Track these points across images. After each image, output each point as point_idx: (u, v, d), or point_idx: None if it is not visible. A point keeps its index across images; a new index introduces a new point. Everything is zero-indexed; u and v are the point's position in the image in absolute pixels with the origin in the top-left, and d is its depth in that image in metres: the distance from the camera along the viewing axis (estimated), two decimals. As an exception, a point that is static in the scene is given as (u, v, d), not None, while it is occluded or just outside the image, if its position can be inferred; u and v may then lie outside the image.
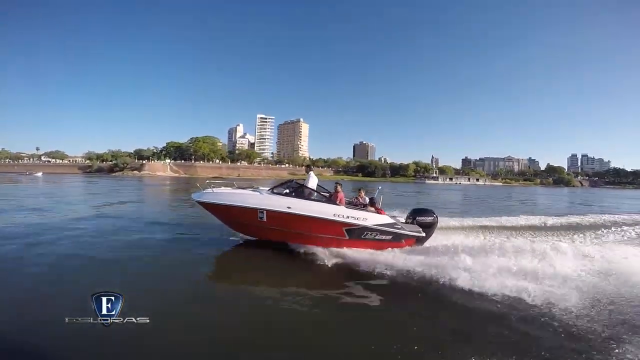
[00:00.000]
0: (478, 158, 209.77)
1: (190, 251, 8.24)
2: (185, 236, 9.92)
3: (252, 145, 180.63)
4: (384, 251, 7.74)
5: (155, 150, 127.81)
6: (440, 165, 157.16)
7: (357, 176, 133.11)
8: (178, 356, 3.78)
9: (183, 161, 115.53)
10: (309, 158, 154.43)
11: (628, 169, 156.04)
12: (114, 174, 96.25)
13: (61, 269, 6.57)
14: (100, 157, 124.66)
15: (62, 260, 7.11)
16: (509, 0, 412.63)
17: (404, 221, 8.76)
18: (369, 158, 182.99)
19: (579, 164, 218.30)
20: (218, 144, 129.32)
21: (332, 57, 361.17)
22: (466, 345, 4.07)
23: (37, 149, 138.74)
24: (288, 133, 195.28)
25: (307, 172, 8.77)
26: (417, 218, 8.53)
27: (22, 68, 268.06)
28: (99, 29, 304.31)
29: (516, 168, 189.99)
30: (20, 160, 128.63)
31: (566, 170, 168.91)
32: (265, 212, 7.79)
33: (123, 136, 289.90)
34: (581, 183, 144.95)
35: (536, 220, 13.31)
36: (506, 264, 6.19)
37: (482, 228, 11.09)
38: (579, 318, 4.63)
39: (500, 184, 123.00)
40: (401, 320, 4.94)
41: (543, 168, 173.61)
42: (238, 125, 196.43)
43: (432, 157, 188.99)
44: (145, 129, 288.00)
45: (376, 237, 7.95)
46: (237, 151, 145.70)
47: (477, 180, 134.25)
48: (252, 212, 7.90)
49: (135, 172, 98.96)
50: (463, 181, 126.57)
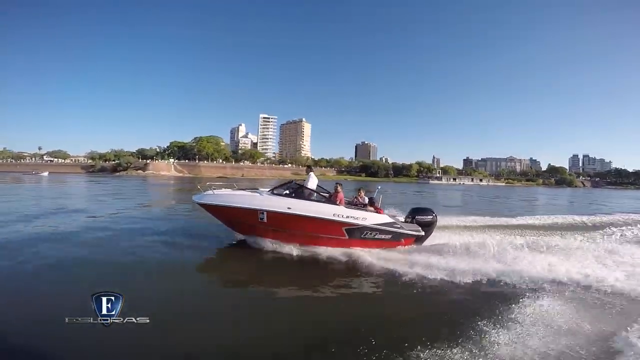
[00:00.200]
0: (480, 158, 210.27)
1: (190, 251, 8.27)
2: (185, 236, 9.91)
3: (255, 145, 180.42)
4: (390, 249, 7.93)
5: (158, 149, 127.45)
6: (441, 165, 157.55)
7: (361, 176, 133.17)
8: (178, 356, 3.78)
9: (187, 161, 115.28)
10: (311, 158, 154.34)
11: (629, 169, 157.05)
12: (118, 174, 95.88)
13: (61, 269, 6.57)
14: (103, 157, 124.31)
15: (63, 260, 7.11)
16: None
17: (404, 220, 8.81)
18: (371, 158, 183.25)
19: (580, 164, 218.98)
20: (221, 144, 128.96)
21: (333, 57, 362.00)
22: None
23: (40, 149, 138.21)
24: (290, 133, 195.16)
25: (307, 173, 8.82)
26: (417, 217, 8.59)
27: (23, 67, 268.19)
28: (100, 28, 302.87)
29: (518, 168, 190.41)
30: (22, 159, 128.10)
31: (567, 170, 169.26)
32: (265, 213, 7.84)
33: (124, 136, 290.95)
34: (583, 183, 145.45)
35: (568, 219, 14.46)
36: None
37: (495, 227, 11.50)
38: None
39: (503, 185, 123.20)
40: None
41: (544, 168, 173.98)
42: (240, 125, 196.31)
43: (434, 157, 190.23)
44: (146, 129, 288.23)
45: (376, 237, 8.03)
46: (241, 151, 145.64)
47: (481, 180, 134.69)
48: (253, 213, 7.94)
49: (139, 172, 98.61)
50: (466, 181, 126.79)
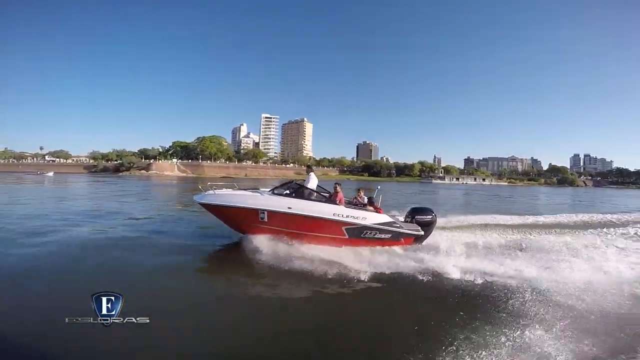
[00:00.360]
0: (481, 158, 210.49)
1: (191, 251, 8.25)
2: (186, 236, 9.89)
3: (257, 144, 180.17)
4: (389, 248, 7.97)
5: (161, 149, 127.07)
6: (442, 164, 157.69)
7: (363, 176, 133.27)
8: (178, 356, 3.78)
9: (190, 161, 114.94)
10: (313, 158, 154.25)
11: (630, 169, 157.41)
12: (121, 174, 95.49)
13: (62, 269, 6.57)
14: (105, 157, 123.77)
15: (63, 260, 7.12)
16: None
17: (403, 220, 8.83)
18: (372, 158, 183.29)
19: (582, 164, 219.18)
20: (224, 144, 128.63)
21: (334, 57, 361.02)
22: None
23: (41, 149, 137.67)
24: (292, 132, 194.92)
25: (308, 173, 8.86)
26: (416, 217, 8.60)
27: (23, 67, 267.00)
28: (99, 27, 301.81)
29: (520, 168, 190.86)
30: (24, 159, 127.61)
31: (569, 170, 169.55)
32: (266, 213, 7.88)
33: (125, 136, 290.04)
34: (585, 183, 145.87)
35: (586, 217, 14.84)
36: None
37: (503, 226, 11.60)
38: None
39: (506, 184, 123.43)
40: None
41: (545, 168, 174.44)
42: (242, 124, 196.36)
43: (434, 157, 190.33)
44: (147, 129, 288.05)
45: (375, 236, 8.07)
46: (243, 151, 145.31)
47: (483, 180, 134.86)
48: (254, 213, 7.96)
49: (142, 172, 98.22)
50: (469, 181, 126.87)
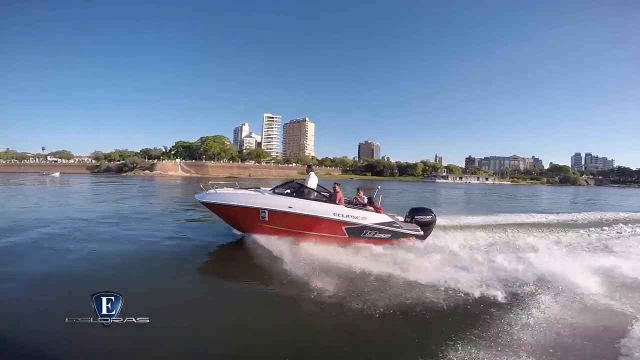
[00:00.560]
0: (483, 157, 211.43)
1: (191, 251, 8.26)
2: (187, 236, 9.88)
3: (259, 144, 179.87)
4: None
5: (164, 149, 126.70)
6: (444, 164, 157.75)
7: (366, 175, 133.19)
8: (178, 356, 3.77)
9: (194, 161, 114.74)
10: (315, 157, 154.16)
11: (632, 168, 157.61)
12: (124, 174, 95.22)
13: (62, 269, 6.55)
14: (107, 157, 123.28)
15: (63, 260, 7.10)
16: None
17: (403, 220, 8.85)
18: (374, 157, 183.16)
19: (583, 163, 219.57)
20: (226, 144, 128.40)
21: (334, 56, 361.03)
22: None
23: (43, 149, 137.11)
24: (294, 132, 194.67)
25: (308, 173, 8.90)
26: (416, 217, 8.65)
27: (24, 67, 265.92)
28: (99, 27, 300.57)
29: (522, 167, 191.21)
30: (25, 160, 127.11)
31: (570, 169, 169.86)
32: (267, 212, 7.94)
33: (126, 136, 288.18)
34: (587, 182, 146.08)
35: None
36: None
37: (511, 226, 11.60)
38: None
39: (508, 183, 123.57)
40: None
41: (546, 167, 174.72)
42: (243, 124, 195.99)
43: (436, 156, 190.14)
44: (147, 129, 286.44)
45: (375, 236, 8.12)
46: (246, 150, 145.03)
47: (487, 179, 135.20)
48: (255, 212, 8.01)
49: (146, 172, 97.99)
50: (472, 180, 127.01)
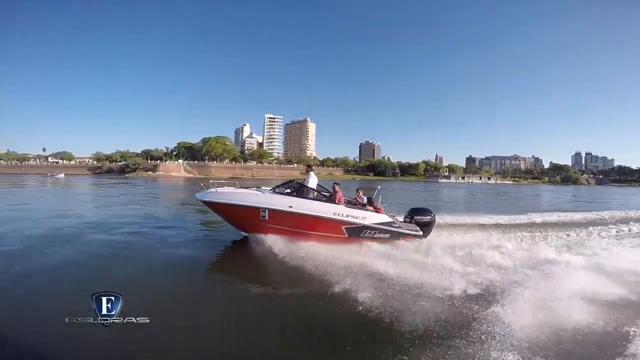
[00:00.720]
0: (484, 157, 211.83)
1: (191, 251, 8.24)
2: (187, 236, 9.90)
3: (261, 145, 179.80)
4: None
5: (166, 150, 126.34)
6: (444, 163, 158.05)
7: (369, 175, 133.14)
8: (178, 356, 3.77)
9: (196, 161, 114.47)
10: (317, 158, 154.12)
11: (632, 167, 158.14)
12: (127, 175, 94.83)
13: (62, 269, 6.55)
14: (108, 158, 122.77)
15: (63, 260, 7.11)
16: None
17: (402, 220, 8.87)
18: (375, 157, 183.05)
19: (583, 162, 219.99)
20: (228, 144, 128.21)
21: (335, 56, 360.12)
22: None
23: (44, 150, 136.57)
24: (295, 132, 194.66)
25: (308, 172, 8.92)
26: (415, 217, 8.67)
27: (24, 67, 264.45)
28: (99, 27, 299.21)
29: (522, 166, 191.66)
30: (26, 161, 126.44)
31: (571, 168, 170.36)
32: (267, 211, 7.97)
33: (125, 137, 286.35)
34: (588, 181, 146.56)
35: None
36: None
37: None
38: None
39: (510, 183, 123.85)
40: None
41: (547, 166, 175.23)
42: (244, 125, 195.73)
43: (436, 156, 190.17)
44: (147, 130, 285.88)
45: (374, 236, 8.13)
46: (249, 151, 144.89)
47: (489, 179, 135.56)
48: (255, 211, 8.03)
49: (149, 173, 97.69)
50: (475, 180, 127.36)
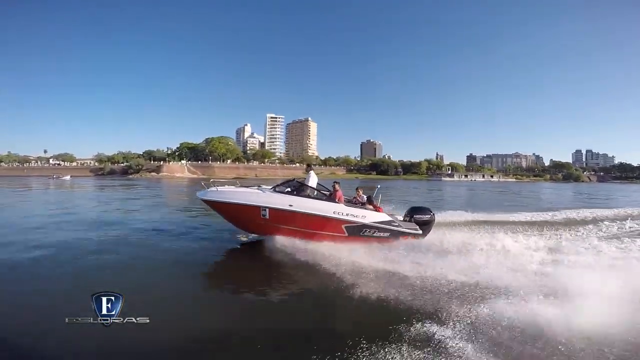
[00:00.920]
0: (485, 155, 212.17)
1: (191, 251, 8.24)
2: (187, 236, 9.91)
3: (262, 144, 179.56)
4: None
5: (169, 151, 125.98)
6: (445, 162, 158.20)
7: (371, 174, 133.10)
8: (178, 356, 3.76)
9: (199, 162, 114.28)
10: (318, 157, 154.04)
11: (633, 164, 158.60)
12: (130, 176, 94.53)
13: (62, 269, 6.55)
14: (110, 159, 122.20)
15: (63, 260, 7.12)
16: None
17: (402, 219, 8.87)
18: (377, 156, 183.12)
19: (584, 160, 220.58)
20: (230, 144, 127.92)
21: (335, 56, 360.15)
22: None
23: (45, 152, 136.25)
24: (296, 132, 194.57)
25: (308, 171, 8.94)
26: (415, 216, 8.68)
27: (24, 67, 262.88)
28: (99, 27, 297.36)
29: (524, 164, 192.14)
30: (28, 163, 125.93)
31: (572, 165, 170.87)
32: (267, 210, 7.98)
33: (125, 137, 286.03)
34: (589, 178, 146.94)
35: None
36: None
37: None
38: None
39: (513, 180, 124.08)
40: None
41: (547, 164, 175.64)
42: (246, 125, 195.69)
43: (437, 154, 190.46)
44: (147, 131, 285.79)
45: (374, 234, 8.16)
46: (252, 151, 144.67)
47: (492, 177, 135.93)
48: (255, 210, 8.03)
49: (153, 174, 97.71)
50: (478, 178, 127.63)
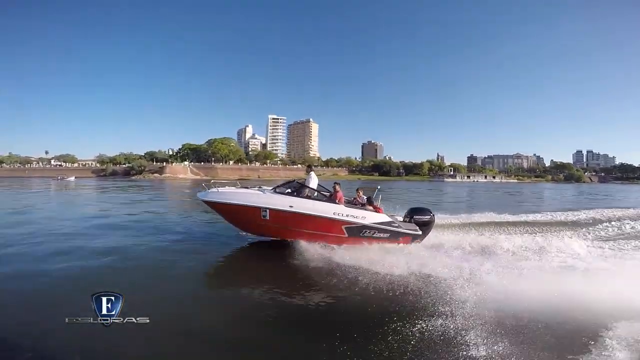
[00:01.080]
0: (486, 155, 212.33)
1: (191, 251, 8.24)
2: (187, 236, 9.90)
3: (264, 146, 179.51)
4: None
5: (171, 152, 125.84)
6: (446, 162, 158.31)
7: (373, 175, 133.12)
8: (178, 356, 3.77)
9: (202, 163, 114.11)
10: (320, 158, 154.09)
11: (634, 164, 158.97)
12: (133, 177, 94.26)
13: (62, 269, 6.55)
14: (112, 160, 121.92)
15: (63, 260, 7.12)
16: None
17: (402, 220, 8.93)
18: (378, 157, 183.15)
19: (585, 160, 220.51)
20: (231, 145, 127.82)
21: (335, 56, 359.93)
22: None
23: (46, 153, 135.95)
24: (298, 133, 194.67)
25: (308, 172, 8.94)
26: (414, 217, 8.72)
27: (24, 68, 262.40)
28: (99, 28, 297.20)
29: (525, 165, 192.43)
30: (29, 164, 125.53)
31: (572, 166, 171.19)
32: (268, 211, 8.02)
33: (125, 137, 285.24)
34: (590, 179, 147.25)
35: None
36: None
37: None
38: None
39: (515, 181, 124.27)
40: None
41: (547, 164, 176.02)
42: (247, 126, 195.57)
43: (437, 155, 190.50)
44: (147, 132, 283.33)
45: (374, 235, 8.19)
46: (254, 152, 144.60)
47: (494, 177, 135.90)
48: (256, 211, 8.09)
49: (155, 175, 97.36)
50: (480, 179, 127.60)
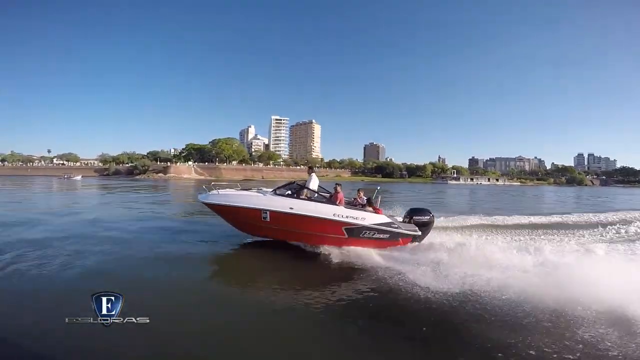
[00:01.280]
0: (488, 158, 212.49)
1: (191, 251, 8.30)
2: (187, 236, 10.00)
3: (267, 146, 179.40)
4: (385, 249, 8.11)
5: (174, 151, 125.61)
6: (447, 165, 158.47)
7: (376, 177, 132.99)
8: (178, 356, 3.77)
9: (206, 163, 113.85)
10: (322, 159, 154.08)
11: (635, 168, 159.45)
12: (137, 177, 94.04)
13: (62, 269, 6.55)
14: (115, 160, 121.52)
15: (63, 260, 7.13)
16: None
17: (402, 220, 9.02)
18: (380, 159, 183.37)
19: (586, 163, 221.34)
20: (234, 145, 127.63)
21: (335, 57, 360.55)
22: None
23: (49, 151, 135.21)
24: (300, 134, 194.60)
25: (309, 174, 9.12)
26: (414, 217, 8.80)
27: (24, 68, 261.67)
28: (99, 28, 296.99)
29: (527, 168, 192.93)
30: (31, 163, 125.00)
31: (574, 169, 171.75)
32: (268, 213, 8.07)
33: (125, 137, 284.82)
34: (592, 182, 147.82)
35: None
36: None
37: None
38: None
39: (518, 184, 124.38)
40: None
41: (549, 167, 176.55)
42: (250, 126, 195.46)
43: (439, 157, 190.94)
44: (148, 132, 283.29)
45: (374, 236, 8.23)
46: (257, 153, 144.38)
47: (497, 180, 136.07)
48: (257, 213, 8.15)
49: (160, 175, 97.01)
50: (483, 181, 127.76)
